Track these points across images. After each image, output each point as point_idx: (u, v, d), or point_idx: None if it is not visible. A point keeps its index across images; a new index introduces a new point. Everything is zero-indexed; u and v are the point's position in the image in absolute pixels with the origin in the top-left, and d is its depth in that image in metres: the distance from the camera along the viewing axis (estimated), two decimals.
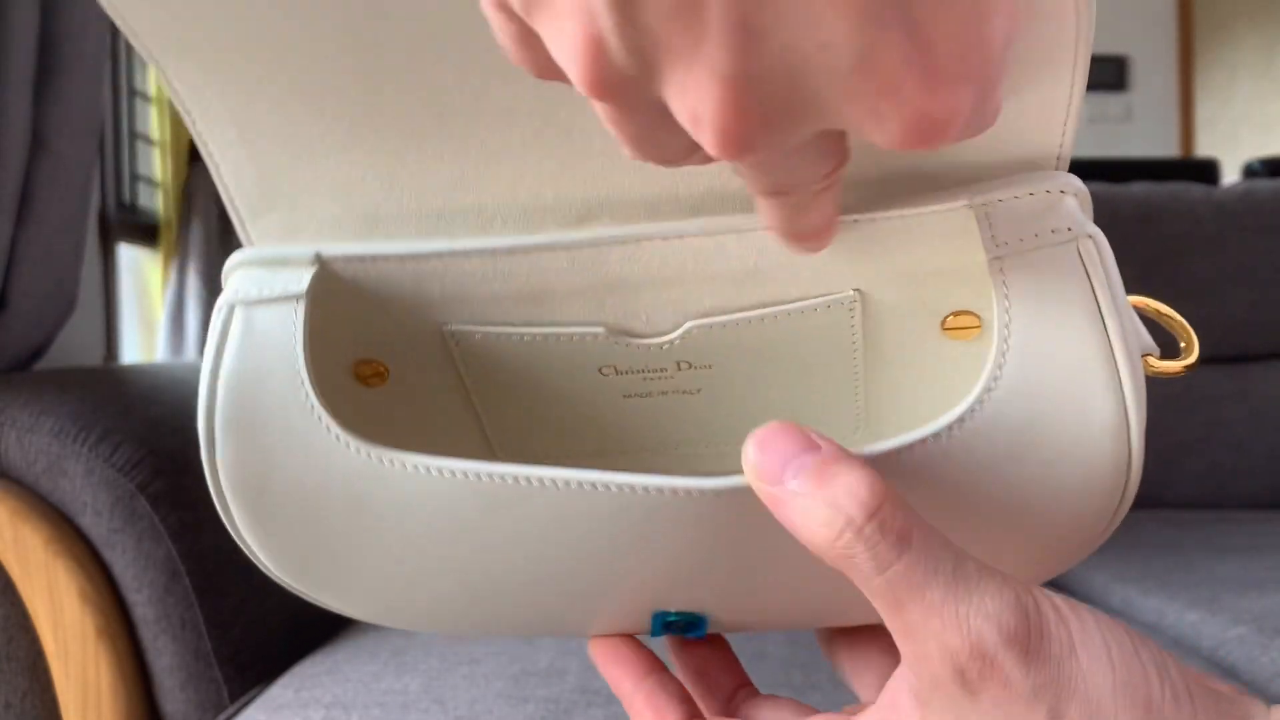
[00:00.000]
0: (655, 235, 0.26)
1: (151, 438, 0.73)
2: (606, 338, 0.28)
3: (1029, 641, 0.22)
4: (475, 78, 0.24)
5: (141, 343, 2.16)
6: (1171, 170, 2.04)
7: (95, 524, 0.70)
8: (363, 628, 0.79)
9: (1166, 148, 3.64)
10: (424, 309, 0.27)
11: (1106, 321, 0.24)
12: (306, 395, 0.26)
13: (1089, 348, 0.24)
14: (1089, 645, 0.22)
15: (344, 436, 0.26)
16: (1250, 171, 1.77)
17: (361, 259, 0.26)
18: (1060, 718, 0.22)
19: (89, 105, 0.88)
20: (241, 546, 0.29)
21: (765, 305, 0.27)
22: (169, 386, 0.83)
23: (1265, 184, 1.37)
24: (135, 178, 2.11)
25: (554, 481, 0.24)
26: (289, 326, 0.26)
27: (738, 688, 0.32)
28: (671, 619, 0.29)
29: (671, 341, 0.28)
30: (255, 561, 0.29)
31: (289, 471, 0.27)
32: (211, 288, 2.14)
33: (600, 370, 0.29)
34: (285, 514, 0.27)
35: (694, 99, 0.17)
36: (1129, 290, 0.26)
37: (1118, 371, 0.24)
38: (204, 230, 2.16)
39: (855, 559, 0.22)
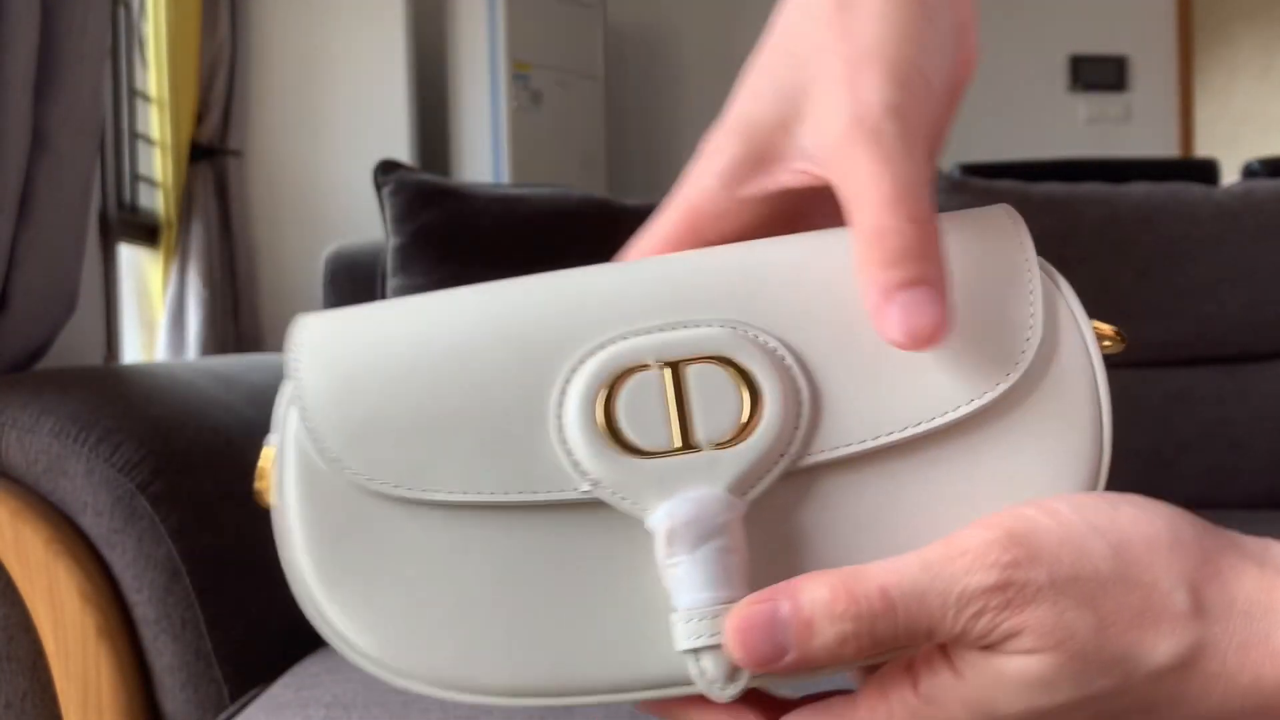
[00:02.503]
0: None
1: (152, 438, 0.73)
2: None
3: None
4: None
5: (142, 343, 2.16)
6: (1171, 170, 2.03)
7: (96, 524, 0.70)
8: None
9: (1166, 148, 3.65)
10: None
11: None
12: None
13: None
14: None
15: None
16: (1250, 172, 1.77)
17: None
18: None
19: (89, 105, 0.88)
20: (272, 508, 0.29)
21: None
22: (170, 386, 0.83)
23: (1265, 184, 1.37)
24: (136, 178, 2.11)
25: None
26: None
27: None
28: None
29: None
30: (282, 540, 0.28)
31: None
32: (212, 287, 2.14)
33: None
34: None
35: None
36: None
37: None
38: (204, 230, 2.16)
39: None
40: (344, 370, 0.28)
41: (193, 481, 0.74)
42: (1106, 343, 0.29)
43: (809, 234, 0.30)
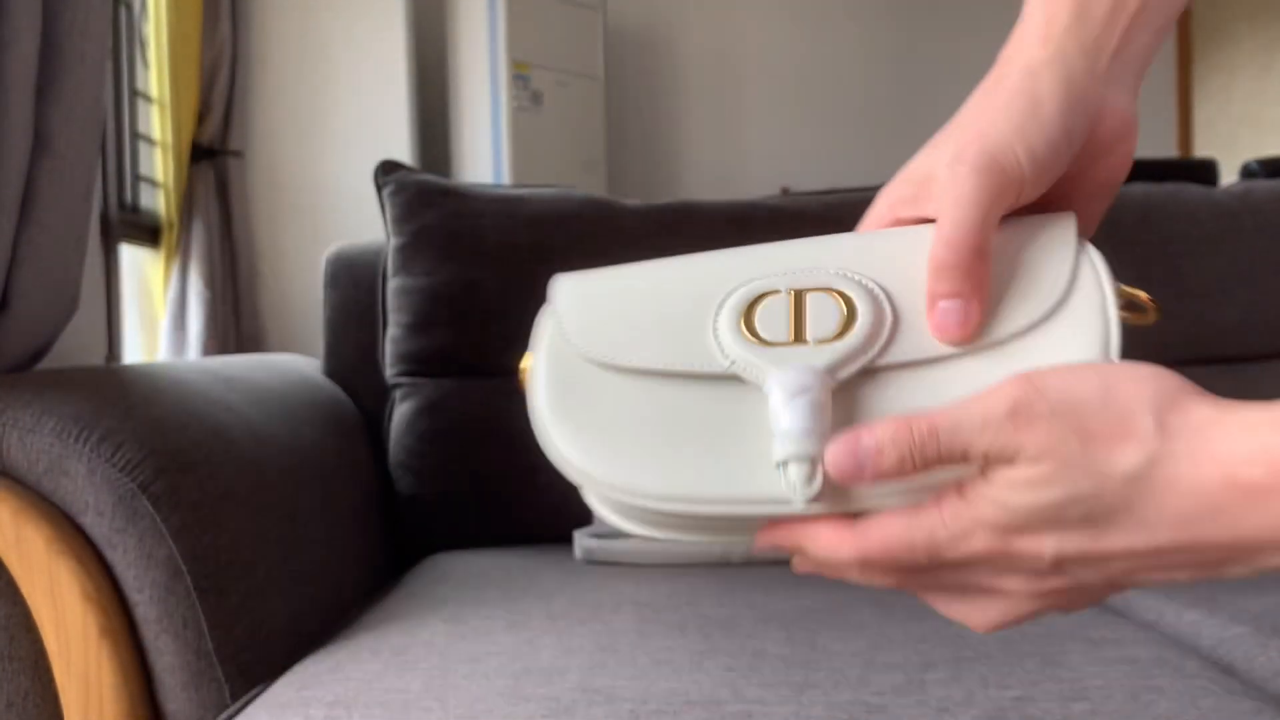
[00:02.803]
0: None
1: (153, 438, 0.73)
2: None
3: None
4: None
5: (143, 343, 2.16)
6: (1170, 171, 2.04)
7: (97, 524, 0.70)
8: (364, 626, 0.79)
9: (1165, 148, 3.65)
10: None
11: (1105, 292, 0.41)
12: None
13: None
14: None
15: None
16: (1248, 172, 1.77)
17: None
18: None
19: (91, 106, 0.88)
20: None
21: None
22: (171, 387, 0.83)
23: (1263, 184, 1.37)
24: (137, 178, 2.11)
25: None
26: None
27: None
28: None
29: None
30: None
31: None
32: (213, 288, 2.15)
33: None
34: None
35: None
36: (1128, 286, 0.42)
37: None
38: (205, 230, 2.16)
39: None
40: (583, 293, 0.45)
41: (194, 481, 0.75)
42: (1140, 311, 0.41)
43: (902, 227, 0.44)
